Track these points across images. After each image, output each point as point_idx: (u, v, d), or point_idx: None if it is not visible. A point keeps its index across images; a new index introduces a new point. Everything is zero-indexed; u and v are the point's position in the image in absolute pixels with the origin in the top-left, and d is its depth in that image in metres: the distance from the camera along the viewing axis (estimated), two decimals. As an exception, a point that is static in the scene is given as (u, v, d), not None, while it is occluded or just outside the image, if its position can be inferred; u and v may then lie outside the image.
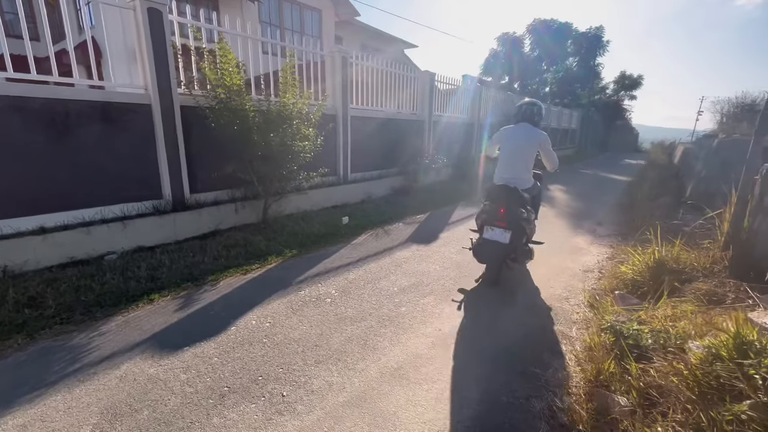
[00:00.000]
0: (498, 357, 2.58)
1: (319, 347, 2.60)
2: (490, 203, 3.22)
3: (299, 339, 2.69)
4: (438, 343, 2.71)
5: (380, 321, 2.98)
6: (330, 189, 6.66)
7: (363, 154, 7.54)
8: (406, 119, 8.64)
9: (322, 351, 2.56)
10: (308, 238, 4.89)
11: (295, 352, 2.54)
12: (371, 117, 7.61)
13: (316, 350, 2.57)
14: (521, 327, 2.99)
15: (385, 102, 8.01)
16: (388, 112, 8.08)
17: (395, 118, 8.26)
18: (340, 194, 6.80)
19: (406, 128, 8.62)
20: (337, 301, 3.30)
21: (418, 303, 3.31)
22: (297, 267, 4.06)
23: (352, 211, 6.08)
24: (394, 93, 8.20)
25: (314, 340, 2.68)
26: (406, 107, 8.75)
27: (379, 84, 7.71)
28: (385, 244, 4.92)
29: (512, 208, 3.06)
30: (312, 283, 3.66)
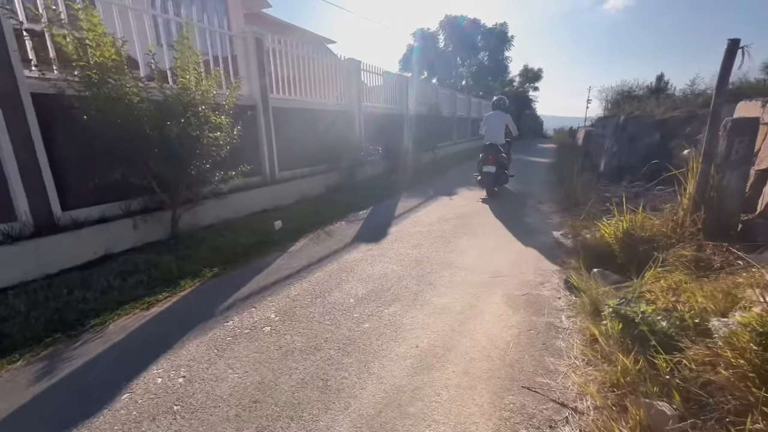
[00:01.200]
0: (495, 373, 2.07)
1: (260, 404, 1.84)
2: (484, 154, 6.13)
3: (229, 395, 1.90)
4: (420, 366, 2.11)
5: (340, 347, 2.29)
6: (256, 191, 5.72)
7: (292, 150, 6.69)
8: (335, 110, 7.94)
9: (266, 409, 1.81)
10: (234, 251, 3.98)
11: (224, 418, 1.75)
12: (296, 108, 6.78)
13: (257, 409, 1.81)
14: (510, 328, 2.53)
15: (311, 92, 7.22)
16: (314, 102, 7.30)
17: (323, 109, 7.52)
18: (268, 196, 5.89)
19: (336, 120, 7.92)
20: (279, 328, 2.54)
21: (383, 315, 2.69)
22: (221, 289, 3.17)
23: (286, 215, 5.24)
24: (319, 82, 7.44)
25: (252, 394, 1.91)
26: (334, 98, 8.05)
27: (302, 72, 6.90)
28: (330, 248, 4.21)
29: (495, 155, 6.03)
30: (243, 308, 2.83)
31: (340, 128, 8.01)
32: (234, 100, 4.32)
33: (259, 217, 5.28)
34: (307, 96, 7.09)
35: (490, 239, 4.53)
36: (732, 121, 2.64)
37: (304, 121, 6.95)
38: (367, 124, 9.06)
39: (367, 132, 9.04)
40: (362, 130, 8.84)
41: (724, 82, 2.61)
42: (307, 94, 7.09)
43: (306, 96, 7.06)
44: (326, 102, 7.72)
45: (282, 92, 6.51)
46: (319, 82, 7.37)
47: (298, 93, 6.85)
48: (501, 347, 2.29)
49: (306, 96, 7.06)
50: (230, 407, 1.81)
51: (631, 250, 3.06)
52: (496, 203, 6.52)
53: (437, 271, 3.51)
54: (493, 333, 2.45)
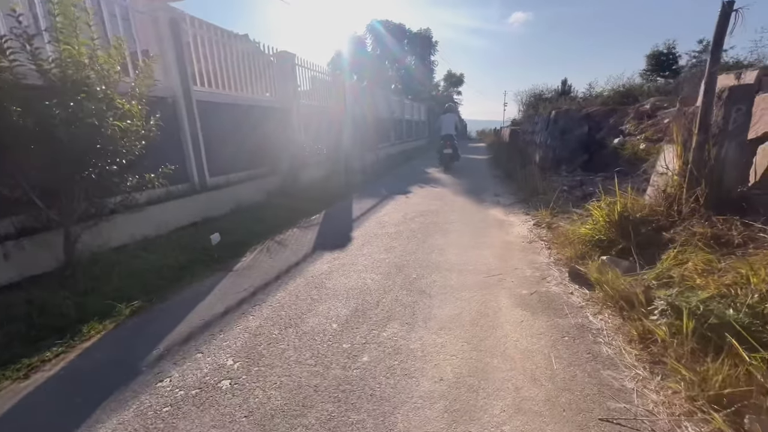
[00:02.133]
0: (554, 403, 1.59)
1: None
2: (443, 141, 9.16)
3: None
4: (458, 410, 1.55)
5: (339, 398, 1.64)
6: (183, 201, 4.71)
7: (224, 152, 5.72)
8: (270, 107, 7.08)
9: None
10: (160, 276, 3.04)
11: None
12: (226, 103, 5.82)
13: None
14: (538, 337, 2.09)
15: (242, 86, 6.29)
16: (246, 98, 6.38)
17: (257, 106, 6.63)
18: (198, 206, 4.89)
19: (273, 118, 7.07)
20: (244, 380, 1.79)
21: (382, 340, 2.08)
22: (147, 331, 2.29)
23: (223, 226, 4.33)
24: (251, 75, 6.54)
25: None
26: (268, 93, 7.19)
27: (231, 63, 5.96)
28: (287, 260, 3.46)
29: (451, 141, 9.15)
30: (183, 356, 2.01)
31: (278, 127, 7.17)
32: (148, 84, 3.37)
33: (189, 232, 4.29)
34: (237, 90, 6.15)
35: (464, 235, 4.14)
36: (729, 89, 2.55)
37: (236, 119, 6.02)
38: (307, 124, 8.30)
39: (307, 132, 8.28)
40: (301, 130, 8.06)
41: (719, 46, 2.51)
42: (237, 88, 6.15)
43: (237, 90, 6.13)
44: (260, 98, 6.84)
45: (207, 84, 5.53)
46: (250, 76, 6.47)
47: (228, 87, 5.90)
48: (542, 364, 1.82)
49: (237, 90, 6.13)
50: None
51: (626, 234, 2.84)
52: (458, 198, 6.26)
53: (424, 276, 2.99)
54: (523, 346, 1.99)
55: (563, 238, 3.48)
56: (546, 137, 10.91)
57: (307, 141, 7.96)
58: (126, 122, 2.92)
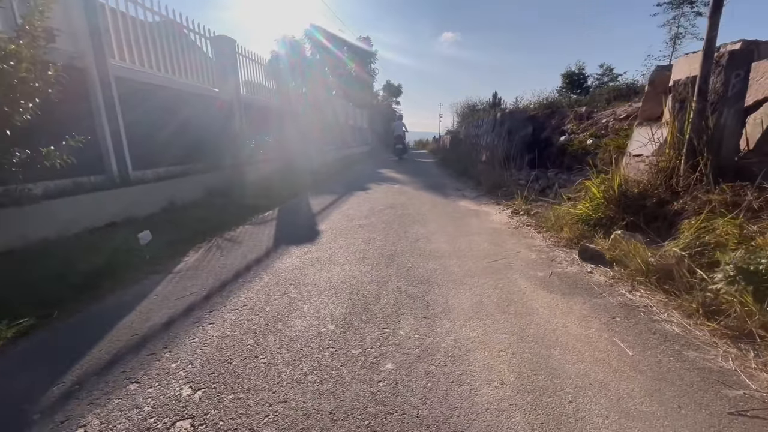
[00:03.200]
0: (662, 398, 1.21)
1: None
2: (396, 139, 15.50)
3: None
4: (543, 423, 1.10)
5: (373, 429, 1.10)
6: (97, 196, 3.74)
7: (152, 141, 4.78)
8: (209, 96, 6.21)
9: None
10: (65, 284, 2.20)
11: None
12: (156, 85, 4.89)
13: None
14: (585, 320, 1.73)
15: (174, 68, 5.36)
16: (179, 82, 5.45)
17: (194, 93, 5.72)
18: (118, 203, 3.93)
19: (212, 109, 6.20)
20: (213, 418, 1.16)
21: (400, 339, 1.57)
22: (40, 360, 1.52)
23: (154, 225, 3.47)
24: (185, 58, 5.63)
25: None
26: (206, 80, 6.30)
27: (159, 42, 5.03)
28: (245, 257, 2.78)
29: (401, 140, 15.48)
30: (106, 390, 1.30)
31: (218, 120, 6.30)
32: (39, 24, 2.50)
33: (106, 233, 3.36)
34: (169, 72, 5.22)
35: (444, 224, 3.78)
36: (729, 53, 2.51)
37: (167, 105, 5.08)
38: (250, 119, 7.47)
39: (251, 128, 7.45)
40: (244, 125, 7.22)
41: (718, 8, 2.45)
42: (169, 70, 5.22)
43: (168, 72, 5.20)
44: (196, 84, 5.92)
45: (131, 59, 4.58)
46: (184, 57, 5.56)
47: (157, 67, 4.97)
48: (613, 351, 1.45)
49: (168, 72, 5.20)
50: None
51: (630, 210, 2.67)
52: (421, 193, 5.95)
53: (420, 264, 2.53)
54: (575, 332, 1.61)
55: (553, 221, 3.27)
56: (493, 138, 11.20)
57: (251, 137, 7.15)
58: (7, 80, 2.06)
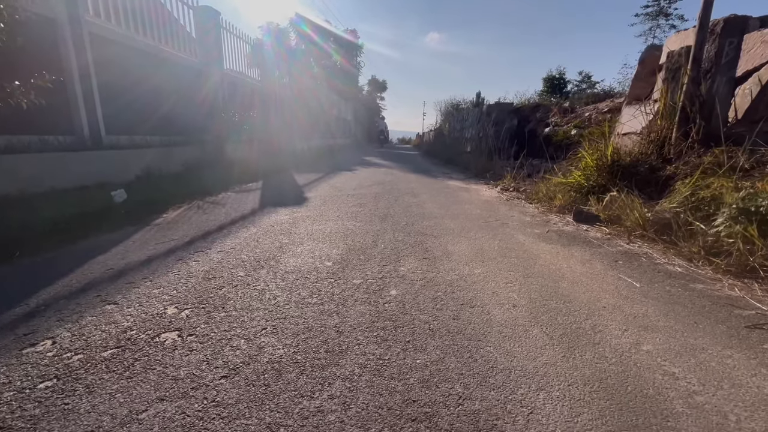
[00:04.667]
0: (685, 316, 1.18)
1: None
2: (379, 133, 23.68)
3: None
4: (563, 334, 1.05)
5: (384, 340, 1.02)
6: (65, 156, 3.49)
7: (128, 106, 4.50)
8: (190, 67, 5.92)
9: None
10: (30, 231, 2.01)
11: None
12: (131, 47, 4.60)
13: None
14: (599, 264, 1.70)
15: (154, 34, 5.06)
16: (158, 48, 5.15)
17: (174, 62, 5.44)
18: (89, 166, 3.68)
19: (193, 82, 5.93)
20: (204, 331, 1.05)
21: (403, 273, 1.49)
22: (4, 288, 1.35)
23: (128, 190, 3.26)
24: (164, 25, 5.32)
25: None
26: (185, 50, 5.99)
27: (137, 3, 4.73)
28: (228, 215, 2.63)
29: (384, 133, 24.02)
30: (77, 310, 1.16)
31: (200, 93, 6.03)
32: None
33: (74, 194, 3.13)
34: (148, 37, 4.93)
35: (435, 196, 3.73)
36: (724, 20, 2.56)
37: (147, 72, 4.80)
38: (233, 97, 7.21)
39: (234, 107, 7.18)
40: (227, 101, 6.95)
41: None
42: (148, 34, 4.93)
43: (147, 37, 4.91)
44: (177, 53, 5.63)
45: (106, 18, 4.29)
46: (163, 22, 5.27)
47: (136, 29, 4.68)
48: (620, 285, 1.43)
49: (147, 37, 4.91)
50: None
51: (617, 176, 2.70)
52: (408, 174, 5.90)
53: (415, 222, 2.46)
54: (580, 270, 1.58)
55: (545, 192, 3.27)
56: (478, 130, 11.28)
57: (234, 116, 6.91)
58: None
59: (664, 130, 2.80)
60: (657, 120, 2.89)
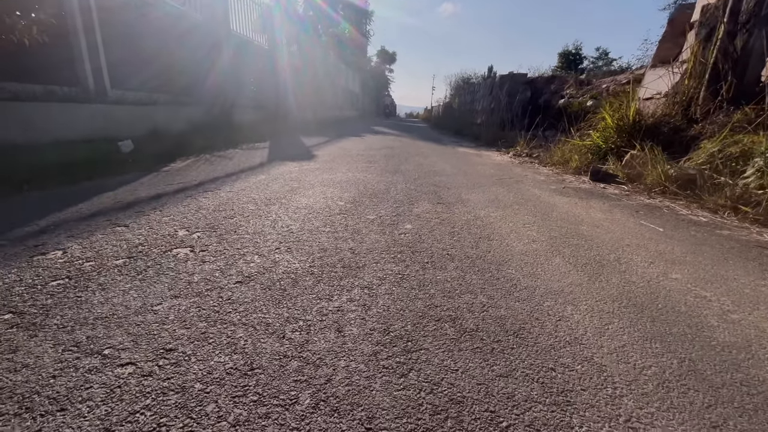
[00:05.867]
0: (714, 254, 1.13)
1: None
2: (385, 107, 29.60)
3: None
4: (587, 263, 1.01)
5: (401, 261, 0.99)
6: (71, 107, 3.43)
7: (134, 60, 4.39)
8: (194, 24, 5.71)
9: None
10: (37, 171, 1.98)
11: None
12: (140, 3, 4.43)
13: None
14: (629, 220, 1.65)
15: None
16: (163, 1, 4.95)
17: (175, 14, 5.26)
18: (95, 119, 3.63)
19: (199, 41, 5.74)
20: (216, 248, 1.03)
21: (418, 213, 1.46)
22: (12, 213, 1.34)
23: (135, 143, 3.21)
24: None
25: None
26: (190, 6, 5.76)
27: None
28: (237, 166, 2.59)
29: (390, 107, 31.17)
30: (88, 230, 1.14)
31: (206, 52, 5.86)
32: None
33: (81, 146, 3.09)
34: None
35: (445, 159, 3.64)
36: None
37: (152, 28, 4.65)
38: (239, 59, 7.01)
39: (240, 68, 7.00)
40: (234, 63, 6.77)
41: None
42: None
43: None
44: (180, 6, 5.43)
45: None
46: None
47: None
48: (643, 231, 1.39)
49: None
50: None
51: (637, 137, 2.60)
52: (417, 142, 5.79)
53: (427, 177, 2.40)
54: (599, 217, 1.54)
55: (559, 156, 3.18)
56: (490, 101, 10.99)
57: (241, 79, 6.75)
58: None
59: (691, 90, 2.67)
60: (684, 80, 2.76)
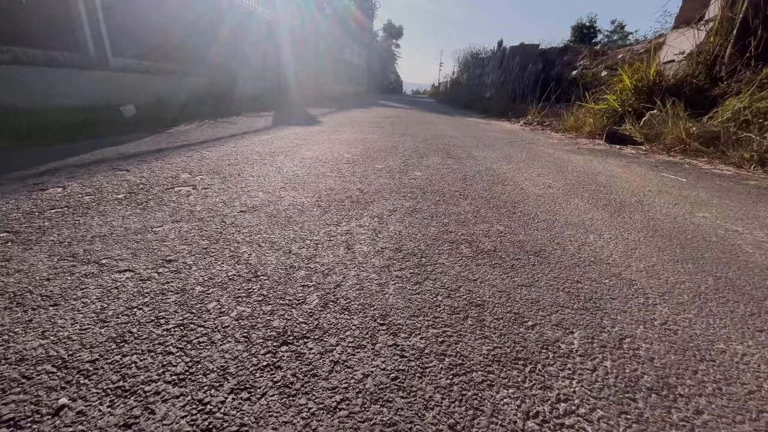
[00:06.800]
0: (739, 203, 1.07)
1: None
2: (390, 84, 28.68)
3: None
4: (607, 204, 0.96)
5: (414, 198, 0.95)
6: (73, 72, 3.37)
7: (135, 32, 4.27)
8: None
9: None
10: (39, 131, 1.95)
11: None
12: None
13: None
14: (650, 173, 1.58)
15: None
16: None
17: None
18: (97, 87, 3.57)
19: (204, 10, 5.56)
20: (219, 187, 0.99)
21: (429, 164, 1.42)
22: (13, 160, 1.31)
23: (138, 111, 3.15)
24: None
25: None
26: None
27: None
28: (241, 129, 2.53)
29: (395, 84, 29.99)
30: (89, 172, 1.11)
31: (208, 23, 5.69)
32: None
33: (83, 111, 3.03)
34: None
35: (454, 127, 3.54)
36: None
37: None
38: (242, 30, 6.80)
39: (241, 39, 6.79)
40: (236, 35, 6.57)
41: None
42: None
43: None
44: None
45: None
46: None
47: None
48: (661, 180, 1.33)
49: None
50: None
51: (656, 95, 2.48)
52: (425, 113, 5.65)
53: (435, 138, 2.32)
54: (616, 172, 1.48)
55: (572, 122, 3.07)
56: (499, 74, 10.67)
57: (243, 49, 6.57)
58: None
59: (717, 48, 2.53)
60: (710, 38, 2.61)
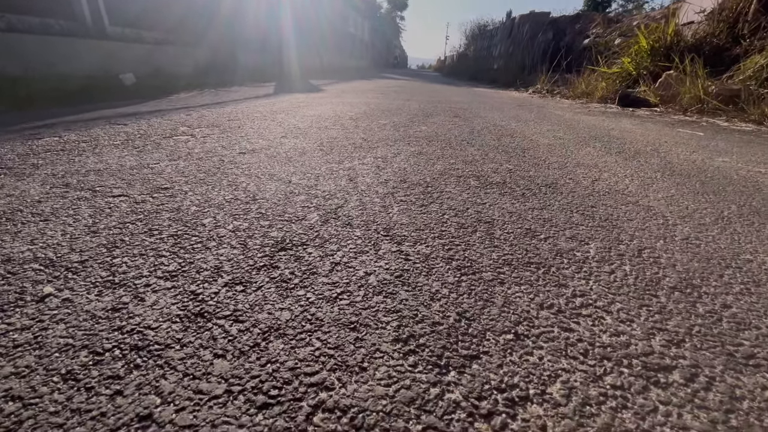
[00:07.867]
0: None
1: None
2: (394, 59, 28.44)
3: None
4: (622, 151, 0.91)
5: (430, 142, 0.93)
6: (69, 41, 3.30)
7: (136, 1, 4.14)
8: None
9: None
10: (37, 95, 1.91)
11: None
12: None
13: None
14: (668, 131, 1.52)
15: None
16: None
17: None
18: (94, 55, 3.49)
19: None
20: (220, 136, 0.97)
21: (436, 121, 1.39)
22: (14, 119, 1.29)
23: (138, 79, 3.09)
24: None
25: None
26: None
27: None
28: (244, 95, 2.48)
29: (400, 59, 30.98)
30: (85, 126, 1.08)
31: None
32: None
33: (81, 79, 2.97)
34: None
35: (461, 95, 3.43)
36: None
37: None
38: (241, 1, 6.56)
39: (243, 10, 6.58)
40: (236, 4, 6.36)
41: None
42: None
43: None
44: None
45: None
46: None
47: None
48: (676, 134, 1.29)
49: None
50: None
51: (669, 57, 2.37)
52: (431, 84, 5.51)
53: (441, 102, 2.26)
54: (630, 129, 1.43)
55: (583, 88, 2.96)
56: (508, 45, 10.33)
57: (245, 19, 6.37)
58: None
59: (740, 3, 2.40)
60: (732, -8, 2.46)
